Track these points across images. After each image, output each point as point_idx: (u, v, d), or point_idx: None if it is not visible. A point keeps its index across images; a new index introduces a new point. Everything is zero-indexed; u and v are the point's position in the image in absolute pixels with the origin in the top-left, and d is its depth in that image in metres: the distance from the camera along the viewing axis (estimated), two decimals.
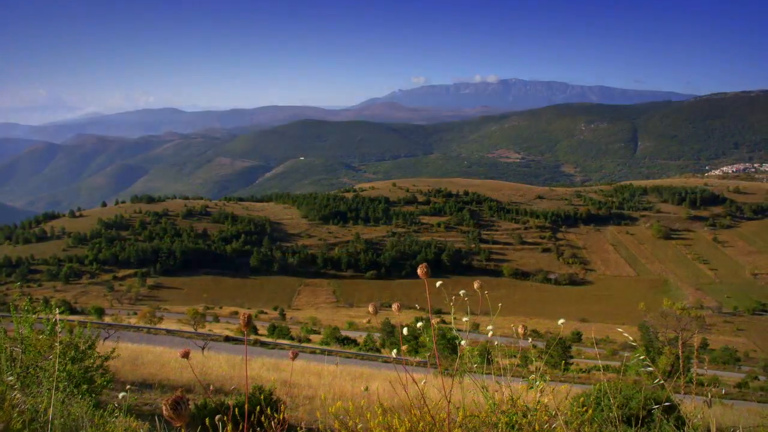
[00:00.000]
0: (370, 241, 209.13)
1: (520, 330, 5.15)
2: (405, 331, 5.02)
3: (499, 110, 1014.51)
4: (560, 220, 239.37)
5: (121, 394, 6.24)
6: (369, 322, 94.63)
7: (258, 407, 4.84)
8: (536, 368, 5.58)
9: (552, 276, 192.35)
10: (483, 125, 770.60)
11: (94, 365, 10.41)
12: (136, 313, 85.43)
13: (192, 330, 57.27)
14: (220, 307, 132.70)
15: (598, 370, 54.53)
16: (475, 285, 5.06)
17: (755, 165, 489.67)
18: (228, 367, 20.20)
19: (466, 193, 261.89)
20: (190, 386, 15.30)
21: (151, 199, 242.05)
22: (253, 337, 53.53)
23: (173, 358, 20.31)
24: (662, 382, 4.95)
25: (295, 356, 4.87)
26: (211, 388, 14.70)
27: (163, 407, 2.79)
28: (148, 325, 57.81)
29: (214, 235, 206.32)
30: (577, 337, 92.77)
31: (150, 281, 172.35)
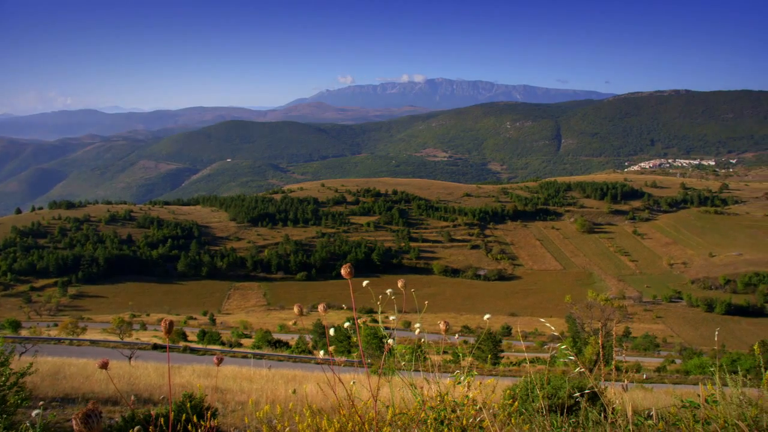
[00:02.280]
0: (300, 243, 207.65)
1: (442, 326, 5.20)
2: (332, 331, 5.01)
3: (426, 109, 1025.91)
4: (488, 217, 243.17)
5: (34, 412, 5.92)
6: (295, 323, 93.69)
7: (185, 416, 4.75)
8: (468, 363, 5.64)
9: (481, 272, 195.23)
10: (410, 124, 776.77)
11: (8, 383, 9.79)
12: (56, 325, 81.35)
13: (118, 339, 55.67)
14: (148, 315, 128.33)
15: (529, 362, 55.80)
16: (399, 283, 5.08)
17: (669, 160, 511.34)
18: (157, 376, 19.70)
19: (395, 193, 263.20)
20: (116, 398, 14.82)
21: (71, 205, 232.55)
22: (182, 343, 52.51)
23: (98, 370, 19.63)
24: (582, 370, 5.07)
25: (219, 361, 4.79)
26: (132, 399, 14.31)
27: (74, 422, 2.33)
28: (71, 337, 55.74)
29: (140, 240, 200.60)
30: (507, 331, 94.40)
31: (72, 290, 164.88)
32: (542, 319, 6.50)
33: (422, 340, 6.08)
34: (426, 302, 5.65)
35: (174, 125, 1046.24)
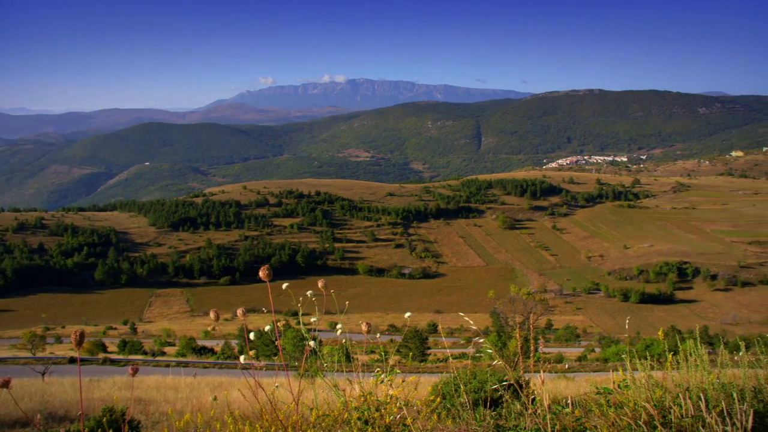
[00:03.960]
0: (223, 247, 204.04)
1: (364, 327, 5.21)
2: (252, 336, 4.95)
3: (347, 110, 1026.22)
4: (411, 216, 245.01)
5: None
6: (214, 329, 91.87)
7: (100, 431, 4.61)
8: (395, 362, 5.69)
9: (406, 271, 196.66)
10: (332, 125, 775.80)
11: None
12: None
13: (30, 355, 53.22)
14: (63, 327, 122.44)
15: (455, 358, 56.62)
16: (319, 284, 5.06)
17: (585, 157, 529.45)
18: (73, 391, 18.85)
19: (318, 193, 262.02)
20: (26, 419, 14.02)
21: None
22: (102, 355, 50.71)
23: (3, 390, 18.23)
24: (500, 363, 5.20)
25: (135, 372, 4.66)
26: (38, 417, 13.70)
27: None
28: None
29: (53, 249, 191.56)
30: (433, 328, 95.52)
31: None
32: (464, 315, 6.60)
33: (344, 340, 6.07)
34: (347, 302, 5.66)
35: (88, 128, 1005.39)
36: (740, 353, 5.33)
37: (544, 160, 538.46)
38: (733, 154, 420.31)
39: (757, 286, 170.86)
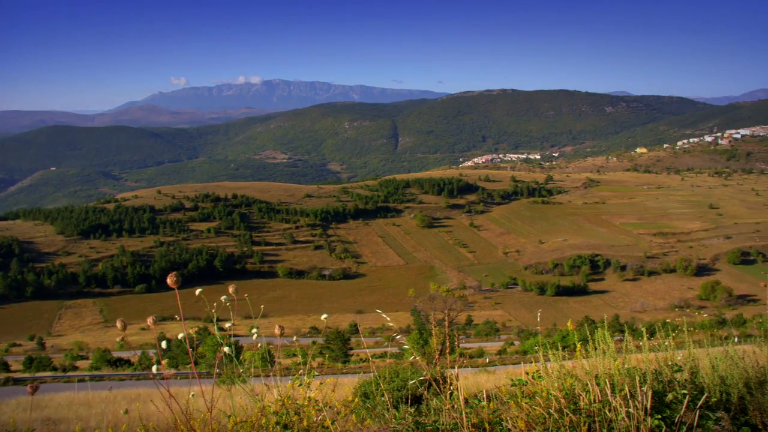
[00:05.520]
0: (138, 253, 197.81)
1: (276, 331, 5.16)
2: (164, 344, 4.81)
3: (263, 111, 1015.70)
4: (330, 217, 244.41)
5: None
6: (122, 340, 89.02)
7: None
8: (319, 364, 5.64)
9: (326, 272, 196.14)
10: (248, 127, 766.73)
11: None
12: None
13: None
14: None
15: (378, 357, 56.91)
16: (230, 289, 4.98)
17: (500, 155, 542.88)
18: None
19: (235, 197, 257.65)
20: None
21: None
22: (3, 375, 48.19)
23: None
24: (417, 360, 5.26)
25: (34, 390, 4.43)
26: None
27: None
28: None
29: None
30: (355, 328, 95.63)
31: None
32: (382, 313, 6.64)
33: (263, 345, 6.00)
34: (262, 306, 5.61)
35: None
36: (643, 339, 5.58)
37: (461, 159, 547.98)
38: (638, 150, 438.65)
39: (662, 274, 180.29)
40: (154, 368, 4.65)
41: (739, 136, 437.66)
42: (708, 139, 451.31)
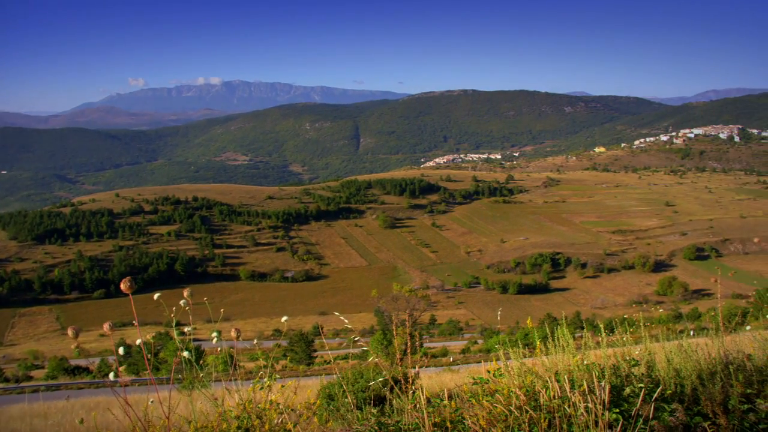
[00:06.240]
0: (96, 258, 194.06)
1: (233, 334, 5.12)
2: (121, 350, 4.74)
3: (224, 112, 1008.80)
4: (292, 219, 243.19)
5: None
6: (77, 348, 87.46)
7: None
8: (283, 366, 5.61)
9: (288, 274, 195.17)
10: (208, 128, 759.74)
11: None
12: None
13: None
14: None
15: (342, 358, 56.81)
16: (185, 293, 4.91)
17: (461, 155, 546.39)
18: None
19: (196, 199, 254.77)
20: None
21: None
22: None
23: None
24: (378, 360, 5.28)
25: None
26: None
27: None
28: None
29: None
30: (318, 330, 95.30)
31: None
32: (340, 315, 6.63)
33: (222, 348, 5.95)
34: (222, 310, 5.56)
35: None
36: (602, 335, 5.69)
37: (422, 159, 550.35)
38: (597, 150, 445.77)
39: (621, 271, 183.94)
40: (111, 375, 4.56)
41: (692, 135, 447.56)
42: (663, 138, 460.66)
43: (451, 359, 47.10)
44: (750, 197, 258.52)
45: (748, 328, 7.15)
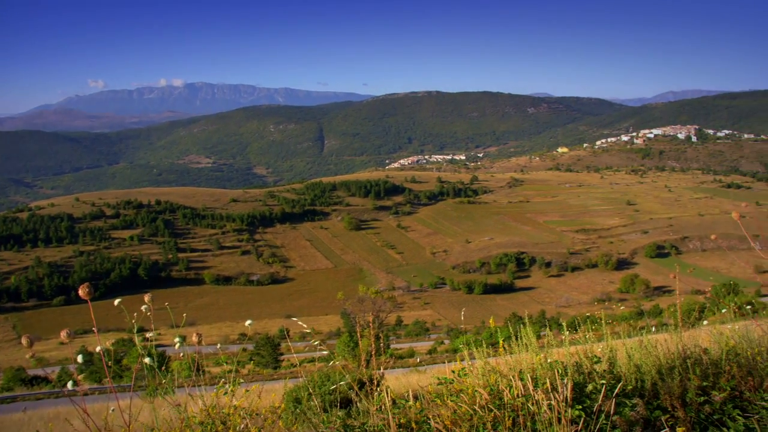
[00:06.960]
0: (56, 264, 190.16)
1: (194, 339, 5.08)
2: (80, 358, 4.66)
3: (187, 114, 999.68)
4: (257, 222, 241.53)
5: None
6: (32, 357, 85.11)
7: None
8: (249, 371, 5.57)
9: (254, 277, 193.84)
10: (171, 131, 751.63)
11: None
12: None
13: None
14: None
15: (309, 361, 56.63)
16: (146, 298, 4.85)
17: (426, 157, 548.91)
18: None
19: (159, 203, 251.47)
20: None
21: None
22: None
23: None
24: (344, 363, 5.28)
25: None
26: None
27: None
28: None
29: None
30: (285, 333, 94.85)
31: None
32: (297, 320, 6.61)
33: (185, 354, 5.87)
34: (185, 315, 5.51)
35: None
36: (565, 333, 5.76)
37: (387, 161, 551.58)
38: (559, 150, 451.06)
39: (585, 270, 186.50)
40: (69, 384, 4.46)
41: (652, 135, 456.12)
42: (624, 138, 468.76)
43: (418, 360, 47.21)
44: (707, 195, 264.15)
45: (705, 323, 7.32)
